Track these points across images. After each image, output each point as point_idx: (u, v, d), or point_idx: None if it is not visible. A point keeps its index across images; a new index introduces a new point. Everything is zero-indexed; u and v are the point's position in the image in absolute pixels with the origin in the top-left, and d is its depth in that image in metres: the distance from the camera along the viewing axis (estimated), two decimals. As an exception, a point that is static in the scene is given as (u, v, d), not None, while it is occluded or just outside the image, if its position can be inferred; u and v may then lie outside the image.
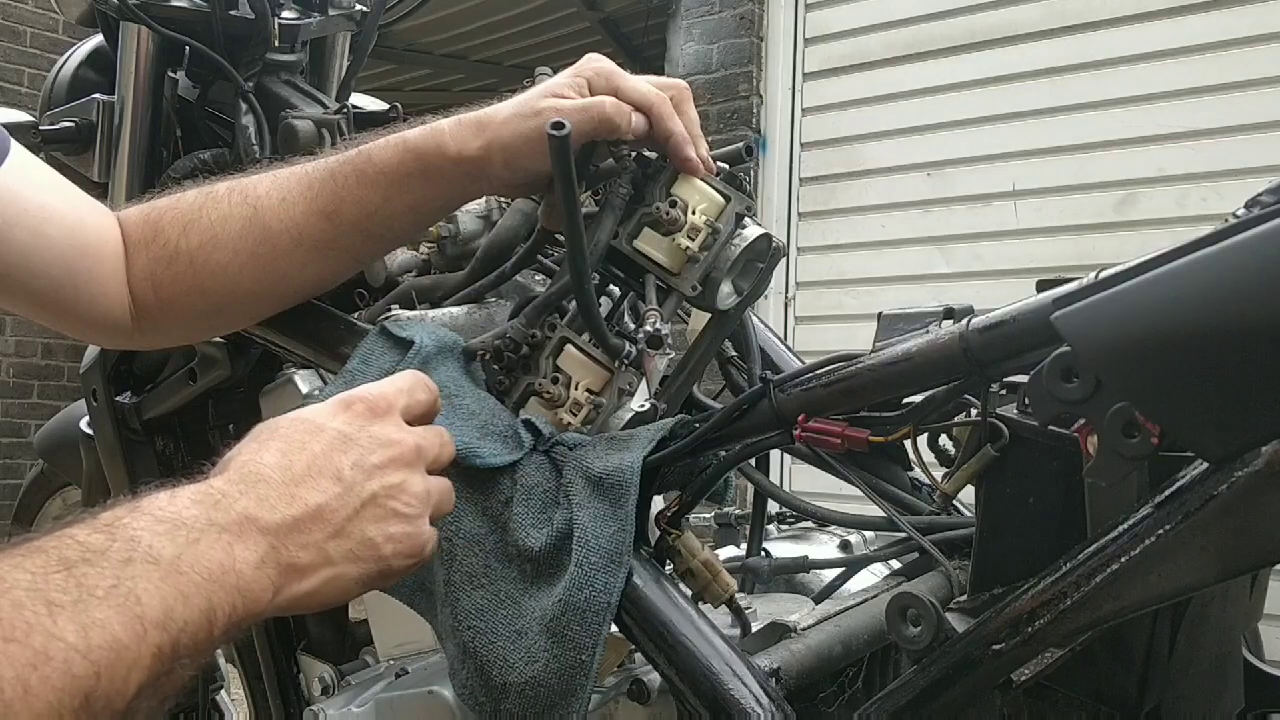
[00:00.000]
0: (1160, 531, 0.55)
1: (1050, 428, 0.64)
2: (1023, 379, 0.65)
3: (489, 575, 0.77)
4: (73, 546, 0.49)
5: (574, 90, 0.81)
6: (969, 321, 0.66)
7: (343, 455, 0.61)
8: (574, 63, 0.83)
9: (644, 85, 0.82)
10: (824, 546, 1.03)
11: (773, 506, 1.01)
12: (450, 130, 0.82)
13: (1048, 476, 0.65)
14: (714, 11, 4.09)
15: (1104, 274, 0.56)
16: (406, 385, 0.68)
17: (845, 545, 1.03)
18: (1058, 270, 0.76)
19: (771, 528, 1.08)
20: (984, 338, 0.64)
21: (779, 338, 1.01)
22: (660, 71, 4.41)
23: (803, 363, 0.89)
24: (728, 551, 1.03)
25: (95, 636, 0.47)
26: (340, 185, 0.84)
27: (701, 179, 0.82)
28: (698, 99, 0.84)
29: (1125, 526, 0.56)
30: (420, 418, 0.68)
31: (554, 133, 0.74)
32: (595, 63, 0.83)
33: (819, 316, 3.88)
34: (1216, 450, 0.53)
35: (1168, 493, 0.55)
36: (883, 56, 3.82)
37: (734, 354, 0.95)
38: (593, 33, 5.78)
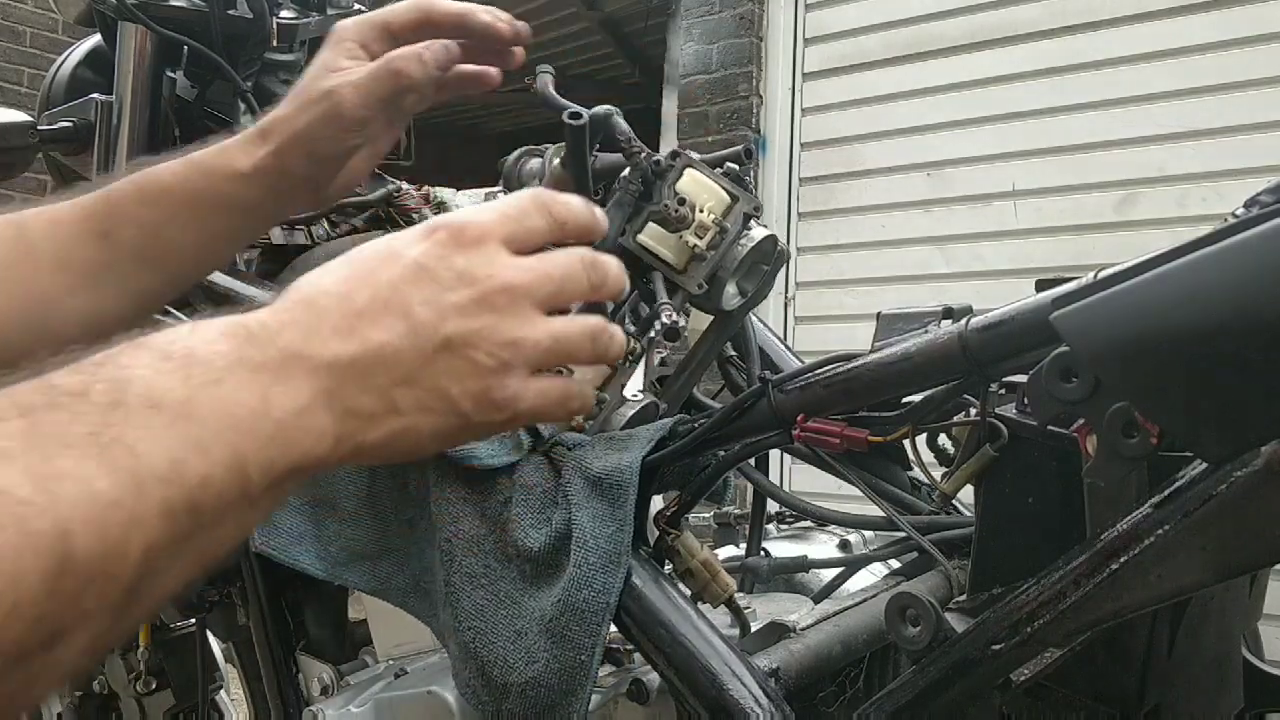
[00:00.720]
0: (1160, 531, 0.55)
1: (1049, 428, 0.64)
2: (1022, 379, 0.65)
3: (489, 576, 0.77)
4: (38, 391, 0.41)
5: (349, 58, 0.77)
6: (968, 321, 0.66)
7: (414, 289, 0.51)
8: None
9: (403, 5, 0.78)
10: (823, 546, 1.03)
11: (772, 506, 1.01)
12: (238, 145, 0.77)
13: (1047, 476, 0.65)
14: (714, 11, 4.09)
15: (1103, 274, 0.56)
16: (514, 210, 0.56)
17: (844, 545, 1.02)
18: (1057, 270, 0.76)
19: (771, 527, 1.08)
20: (983, 337, 0.64)
21: (779, 338, 1.01)
22: (660, 73, 4.41)
23: (802, 363, 0.89)
24: (727, 551, 1.03)
25: (63, 489, 0.39)
26: (115, 204, 0.76)
27: (710, 178, 0.81)
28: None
29: (1125, 526, 0.56)
30: (539, 248, 0.56)
31: (572, 122, 0.73)
32: (358, 24, 0.79)
33: (819, 316, 3.88)
34: (1215, 450, 0.53)
35: (1167, 493, 0.55)
36: (882, 56, 3.83)
37: (733, 354, 0.95)
38: (593, 33, 5.79)
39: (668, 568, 0.79)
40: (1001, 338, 0.64)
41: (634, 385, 0.82)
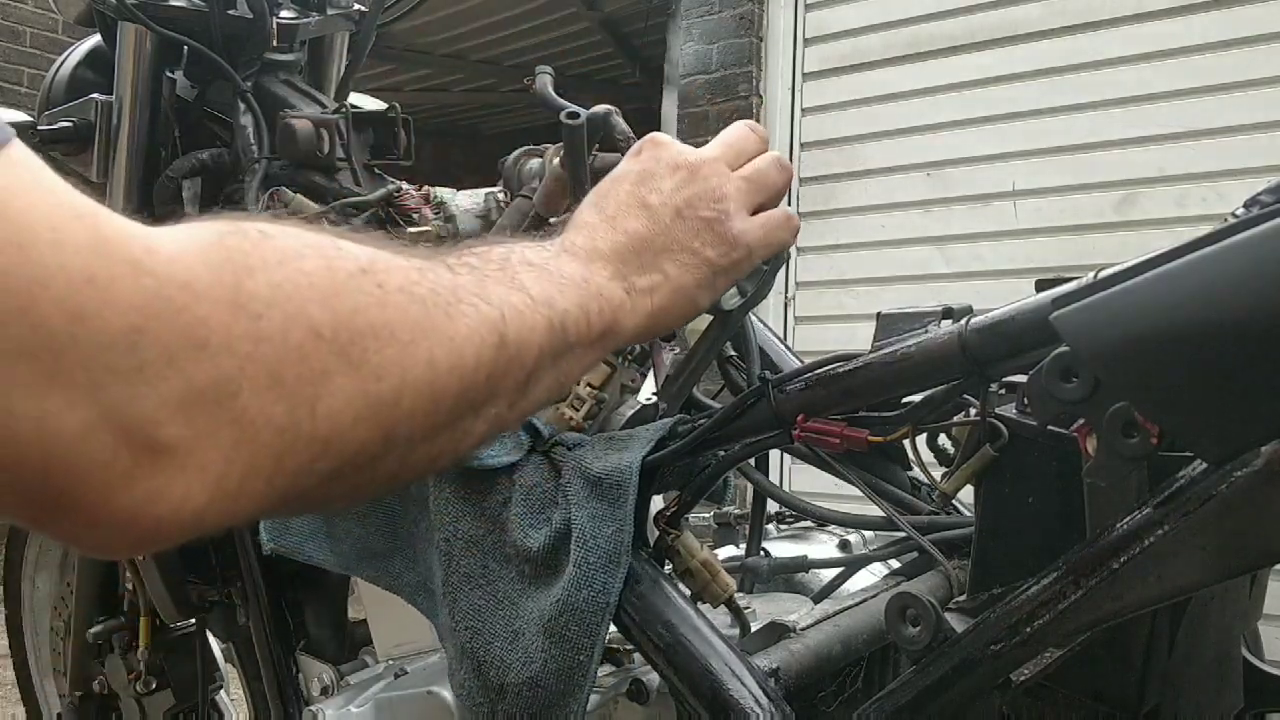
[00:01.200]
0: (1160, 531, 0.55)
1: (1049, 428, 0.64)
2: (1022, 379, 0.65)
3: (486, 576, 0.77)
4: (458, 254, 0.56)
5: None
6: (968, 321, 0.66)
7: (642, 189, 0.69)
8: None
9: None
10: (823, 546, 1.02)
11: (772, 506, 1.01)
12: None
13: (1047, 476, 0.65)
14: (714, 11, 4.09)
15: (1103, 274, 0.56)
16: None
17: (844, 545, 1.02)
18: (1058, 270, 0.76)
19: (770, 527, 1.08)
20: (982, 337, 0.64)
21: (779, 338, 1.01)
22: (660, 73, 4.40)
23: (802, 363, 0.89)
24: (727, 551, 1.02)
25: (494, 294, 0.53)
26: None
27: None
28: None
29: (1125, 526, 0.56)
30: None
31: (569, 122, 0.75)
32: None
33: (819, 316, 3.88)
34: (1215, 450, 0.53)
35: (1168, 493, 0.55)
36: (882, 56, 3.82)
37: (733, 354, 0.95)
38: (592, 33, 5.78)
39: (668, 568, 0.78)
40: (1001, 338, 0.64)
41: (647, 389, 0.82)
